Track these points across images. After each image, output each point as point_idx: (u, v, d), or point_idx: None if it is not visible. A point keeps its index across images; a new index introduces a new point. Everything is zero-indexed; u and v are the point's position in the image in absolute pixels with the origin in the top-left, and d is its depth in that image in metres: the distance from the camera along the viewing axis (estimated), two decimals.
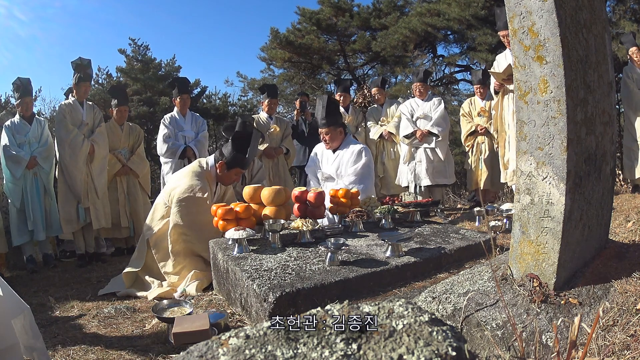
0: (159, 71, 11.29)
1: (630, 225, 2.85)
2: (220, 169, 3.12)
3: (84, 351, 2.04)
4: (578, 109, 1.48)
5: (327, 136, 3.69)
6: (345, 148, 3.68)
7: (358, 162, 3.57)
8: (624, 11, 7.33)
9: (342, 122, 3.84)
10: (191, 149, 4.62)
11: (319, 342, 0.82)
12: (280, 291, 1.90)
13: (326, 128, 3.66)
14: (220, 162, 3.11)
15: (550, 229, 1.48)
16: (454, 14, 8.04)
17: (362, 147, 3.69)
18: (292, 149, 5.24)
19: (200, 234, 2.91)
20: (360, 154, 3.60)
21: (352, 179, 3.56)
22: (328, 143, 3.73)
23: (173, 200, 2.94)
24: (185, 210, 2.90)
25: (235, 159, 3.12)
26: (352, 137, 3.90)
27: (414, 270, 2.25)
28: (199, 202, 2.95)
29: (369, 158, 3.63)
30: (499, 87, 4.25)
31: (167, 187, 3.16)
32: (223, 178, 3.18)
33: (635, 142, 4.65)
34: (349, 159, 3.61)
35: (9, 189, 4.18)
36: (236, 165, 3.15)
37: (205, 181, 3.08)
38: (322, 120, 3.68)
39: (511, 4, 1.50)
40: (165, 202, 3.06)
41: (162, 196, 3.15)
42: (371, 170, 3.70)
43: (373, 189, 3.81)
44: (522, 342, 1.30)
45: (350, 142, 3.75)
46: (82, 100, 4.42)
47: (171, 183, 3.15)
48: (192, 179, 3.04)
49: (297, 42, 9.72)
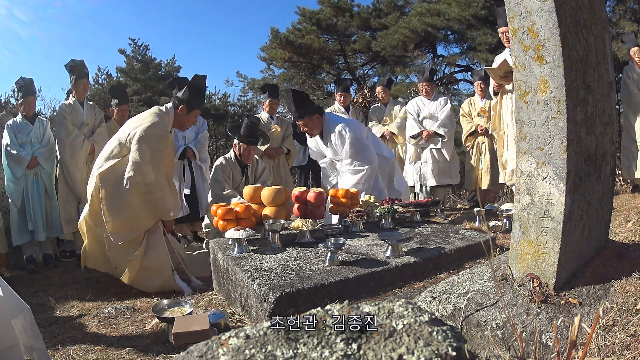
0: (159, 71, 11.29)
1: (630, 225, 2.85)
2: (181, 112, 3.19)
3: (84, 351, 2.04)
4: (578, 109, 1.48)
5: (306, 127, 3.82)
6: (330, 134, 3.79)
7: (345, 143, 3.71)
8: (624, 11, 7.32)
9: (315, 107, 3.91)
10: (191, 150, 4.61)
11: (319, 342, 0.82)
12: (280, 291, 1.90)
13: (301, 120, 3.78)
14: (182, 106, 3.18)
15: (550, 229, 1.48)
16: (454, 14, 8.03)
17: (341, 127, 3.75)
18: (293, 149, 5.24)
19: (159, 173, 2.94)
20: (342, 136, 3.72)
21: (348, 161, 3.72)
22: (310, 133, 3.87)
23: (135, 138, 2.93)
24: (146, 147, 2.91)
25: (194, 100, 3.22)
26: (329, 115, 3.97)
27: (414, 270, 2.25)
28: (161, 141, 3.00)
29: (350, 133, 3.72)
30: (497, 89, 4.24)
31: (126, 128, 3.11)
32: (183, 121, 3.26)
33: (634, 143, 4.64)
34: (337, 143, 3.76)
35: (9, 188, 4.18)
36: (196, 107, 3.26)
37: (167, 123, 3.14)
38: (294, 114, 3.81)
39: (511, 4, 1.50)
40: (120, 140, 3.02)
41: (117, 136, 3.12)
42: (359, 140, 3.78)
43: (375, 157, 3.85)
44: (522, 342, 1.30)
45: (329, 124, 3.82)
46: (83, 99, 4.43)
47: (131, 125, 3.11)
48: (154, 118, 3.05)
49: (297, 42, 9.71)
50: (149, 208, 2.99)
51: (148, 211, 2.99)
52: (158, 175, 2.96)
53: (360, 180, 3.70)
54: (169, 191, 3.07)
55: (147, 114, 3.13)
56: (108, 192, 2.94)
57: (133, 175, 2.88)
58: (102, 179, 2.96)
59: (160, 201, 2.99)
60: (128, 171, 2.90)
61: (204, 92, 3.34)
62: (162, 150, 3.02)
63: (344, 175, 3.80)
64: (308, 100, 3.97)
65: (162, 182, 2.99)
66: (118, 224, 2.91)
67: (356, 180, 3.70)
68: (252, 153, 3.94)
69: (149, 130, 2.96)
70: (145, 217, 3.00)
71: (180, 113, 3.20)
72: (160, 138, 3.01)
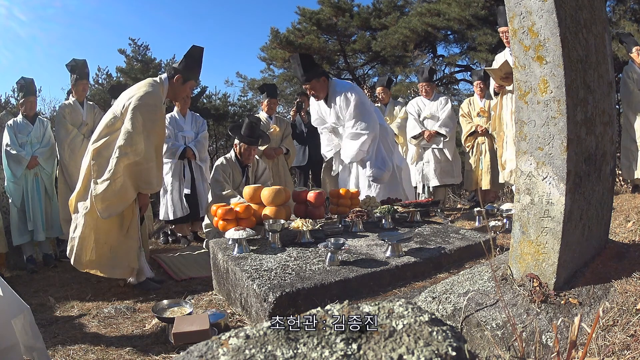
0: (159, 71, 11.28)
1: (630, 225, 2.85)
2: (177, 82, 3.18)
3: (84, 351, 2.04)
4: (578, 109, 1.48)
5: (313, 90, 3.88)
6: (336, 96, 3.86)
7: (349, 105, 3.79)
8: (624, 11, 7.31)
9: (322, 70, 4.00)
10: (191, 150, 4.61)
11: (319, 342, 0.82)
12: (280, 291, 1.90)
13: (309, 83, 3.84)
14: (177, 76, 3.16)
15: (550, 229, 1.48)
16: (454, 14, 8.03)
17: (348, 88, 3.87)
18: (292, 149, 5.23)
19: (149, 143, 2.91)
20: (347, 98, 3.80)
21: (351, 122, 3.79)
22: (316, 95, 3.93)
23: (129, 107, 2.90)
24: (140, 116, 2.89)
25: (190, 70, 3.22)
26: (335, 80, 4.05)
27: (414, 270, 2.25)
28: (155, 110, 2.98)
29: (356, 95, 3.81)
30: (498, 89, 4.24)
31: (120, 100, 3.08)
32: (177, 92, 3.25)
33: (634, 143, 4.64)
34: (342, 105, 3.83)
35: (9, 188, 4.18)
36: (191, 77, 3.26)
37: (161, 94, 3.13)
38: (302, 77, 3.86)
39: (511, 4, 1.50)
40: (115, 114, 3.00)
41: (112, 109, 3.10)
42: (364, 104, 3.86)
43: (377, 125, 3.92)
44: (522, 342, 1.30)
45: (335, 87, 3.92)
46: (82, 99, 4.43)
47: (125, 96, 3.09)
48: (148, 88, 3.03)
49: (297, 42, 9.70)
50: (133, 179, 2.94)
51: (132, 182, 2.94)
52: (148, 146, 2.92)
53: (362, 147, 3.78)
54: (155, 164, 3.03)
55: (142, 84, 3.11)
56: (101, 166, 2.90)
57: (124, 144, 2.85)
58: (95, 154, 2.94)
59: (144, 173, 2.94)
60: (119, 140, 2.87)
61: (201, 63, 3.33)
62: (155, 122, 2.99)
63: (345, 144, 3.87)
64: (315, 64, 4.06)
65: (151, 153, 2.96)
66: (107, 195, 2.85)
67: (358, 146, 3.77)
68: (253, 153, 3.93)
69: (142, 99, 2.93)
70: (130, 189, 2.95)
71: (175, 83, 3.18)
72: (153, 107, 2.98)
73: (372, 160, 3.84)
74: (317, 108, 4.11)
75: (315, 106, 4.12)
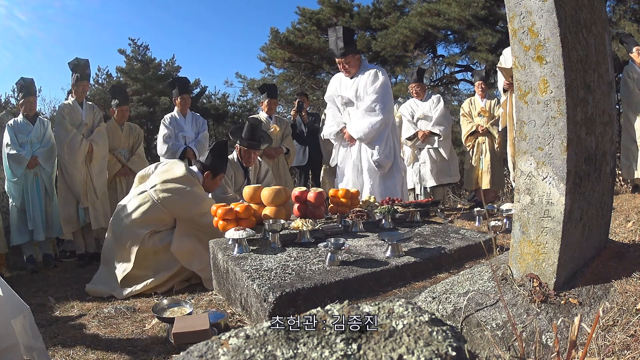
0: (159, 71, 11.29)
1: (630, 225, 2.85)
2: (207, 178, 3.38)
3: (84, 351, 2.04)
4: (578, 109, 1.48)
5: (347, 64, 3.92)
6: (365, 71, 3.93)
7: (376, 82, 3.84)
8: (624, 11, 7.32)
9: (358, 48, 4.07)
10: (191, 150, 4.61)
11: (319, 342, 0.82)
12: (280, 291, 1.90)
13: (345, 57, 3.88)
14: (207, 172, 3.37)
15: (550, 229, 1.48)
16: (454, 14, 8.03)
17: (376, 68, 3.95)
18: (292, 149, 5.24)
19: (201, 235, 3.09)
20: (376, 75, 3.86)
21: (373, 97, 3.82)
22: (348, 70, 3.97)
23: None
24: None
25: (218, 166, 3.43)
26: (366, 60, 4.13)
27: (414, 270, 2.25)
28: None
29: (385, 77, 3.88)
30: (508, 86, 4.22)
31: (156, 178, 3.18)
32: (209, 185, 3.44)
33: (634, 143, 4.64)
34: (367, 80, 3.87)
35: (9, 188, 4.19)
36: (220, 172, 3.47)
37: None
38: (340, 50, 3.87)
39: (511, 4, 1.50)
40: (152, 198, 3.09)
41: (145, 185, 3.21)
42: (389, 88, 3.94)
43: (392, 116, 3.99)
44: (522, 342, 1.30)
45: (366, 66, 4.01)
46: (81, 100, 4.42)
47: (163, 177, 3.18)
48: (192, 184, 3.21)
49: (297, 42, 9.70)
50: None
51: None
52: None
53: (375, 125, 3.81)
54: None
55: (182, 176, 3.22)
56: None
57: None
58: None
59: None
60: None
61: (226, 155, 3.62)
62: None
63: (359, 118, 3.89)
64: (355, 40, 4.11)
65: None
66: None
67: (371, 123, 3.81)
68: (254, 156, 3.90)
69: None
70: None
71: (207, 178, 3.39)
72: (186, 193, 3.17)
73: (381, 145, 3.85)
74: (336, 83, 4.12)
75: (335, 81, 4.14)
